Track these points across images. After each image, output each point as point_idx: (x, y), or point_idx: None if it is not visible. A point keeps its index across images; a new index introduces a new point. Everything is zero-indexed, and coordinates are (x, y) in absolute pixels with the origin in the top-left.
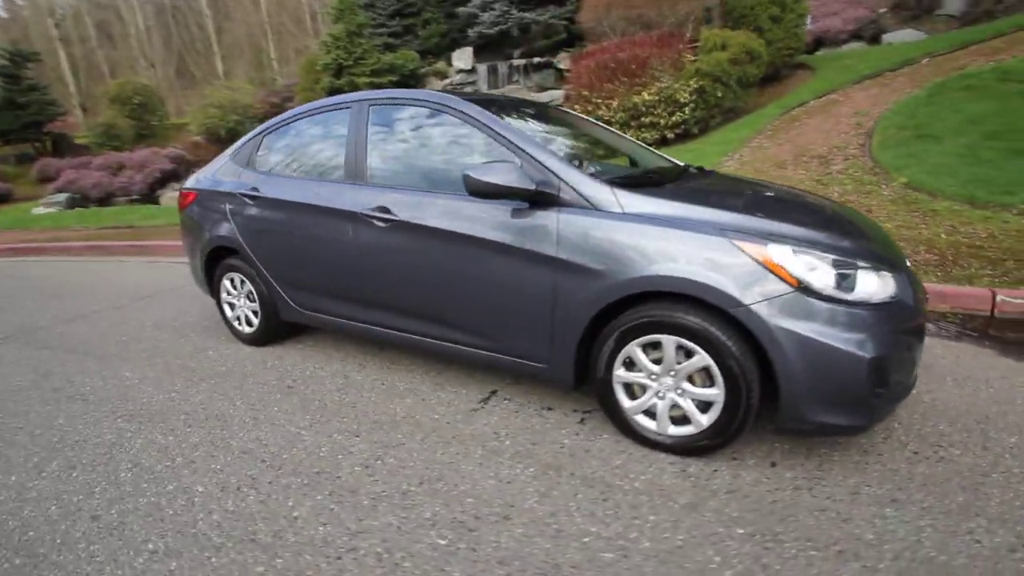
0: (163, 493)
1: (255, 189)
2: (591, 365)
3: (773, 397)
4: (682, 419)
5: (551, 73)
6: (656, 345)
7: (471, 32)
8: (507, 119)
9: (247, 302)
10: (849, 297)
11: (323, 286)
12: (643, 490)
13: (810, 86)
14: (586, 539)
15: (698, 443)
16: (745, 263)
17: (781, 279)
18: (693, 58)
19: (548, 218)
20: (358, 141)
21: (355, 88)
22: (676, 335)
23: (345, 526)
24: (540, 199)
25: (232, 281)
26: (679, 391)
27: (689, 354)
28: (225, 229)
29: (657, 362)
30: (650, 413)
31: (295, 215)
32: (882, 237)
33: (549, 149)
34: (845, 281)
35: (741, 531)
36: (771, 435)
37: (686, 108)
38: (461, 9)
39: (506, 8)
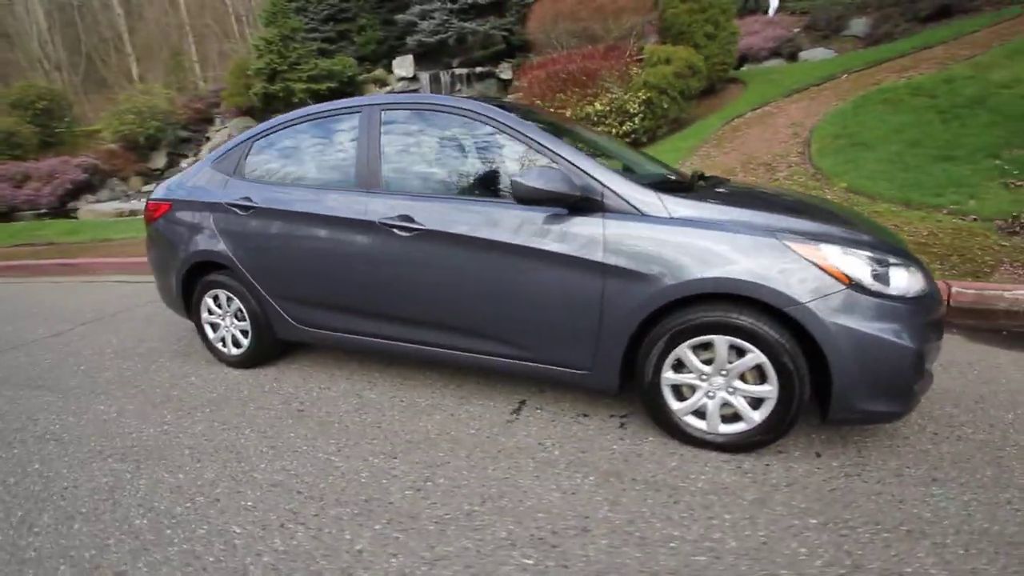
0: (195, 538)
1: (247, 199)
2: (637, 369)
3: (817, 391)
4: (732, 417)
5: (493, 83)
6: (706, 346)
7: (410, 40)
8: (532, 123)
9: (234, 321)
10: (891, 292)
11: (329, 301)
12: (708, 490)
13: (745, 99)
14: (672, 544)
15: (751, 439)
16: (798, 263)
17: (833, 277)
18: (639, 71)
19: (593, 224)
20: (371, 147)
21: (291, 94)
22: (729, 335)
23: (418, 555)
24: (584, 205)
25: (216, 299)
26: (730, 390)
27: (741, 353)
28: (209, 243)
29: (708, 362)
30: (699, 413)
31: (297, 226)
32: (895, 236)
33: (587, 154)
34: (884, 277)
35: (814, 521)
36: (805, 428)
37: (636, 118)
38: (399, 16)
39: (446, 17)
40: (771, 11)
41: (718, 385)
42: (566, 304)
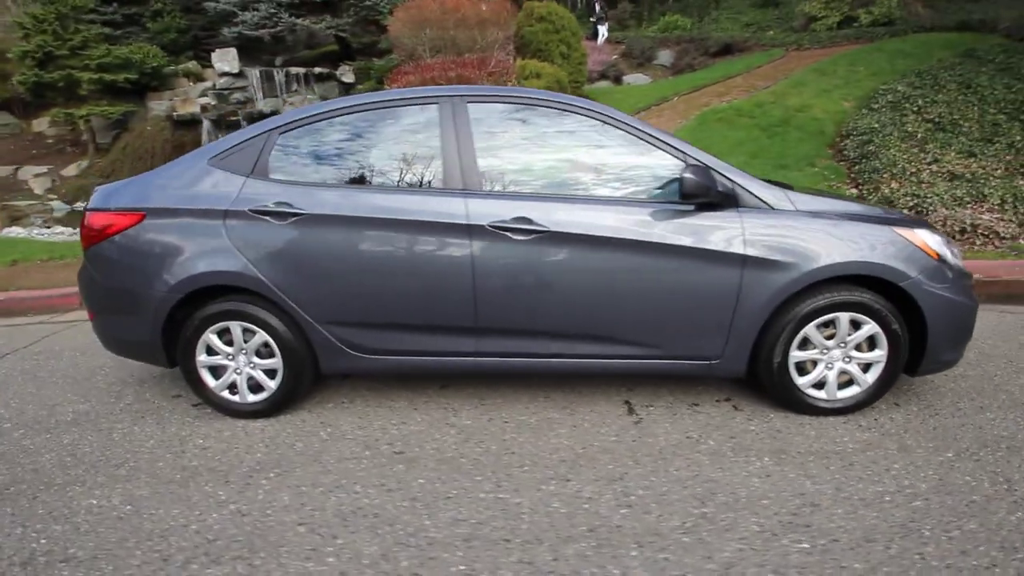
0: None
1: (284, 204)
2: (763, 352)
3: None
4: (847, 383)
5: (335, 85)
6: (827, 323)
7: (227, 31)
8: (649, 125)
9: (254, 360)
10: (955, 263)
11: (412, 320)
12: (860, 448)
13: None
14: (887, 499)
15: (860, 401)
16: (905, 245)
17: (928, 255)
18: (512, 83)
19: (732, 219)
20: (462, 143)
21: (75, 84)
22: (851, 311)
23: (704, 568)
24: (723, 202)
25: (221, 335)
26: (846, 359)
27: (856, 326)
28: (220, 262)
29: (829, 338)
30: (819, 384)
31: (366, 235)
32: None
33: (707, 154)
34: (950, 252)
35: (949, 454)
36: None
37: None
38: (210, 3)
39: (274, 10)
40: (600, 39)
41: (836, 357)
42: (704, 297)
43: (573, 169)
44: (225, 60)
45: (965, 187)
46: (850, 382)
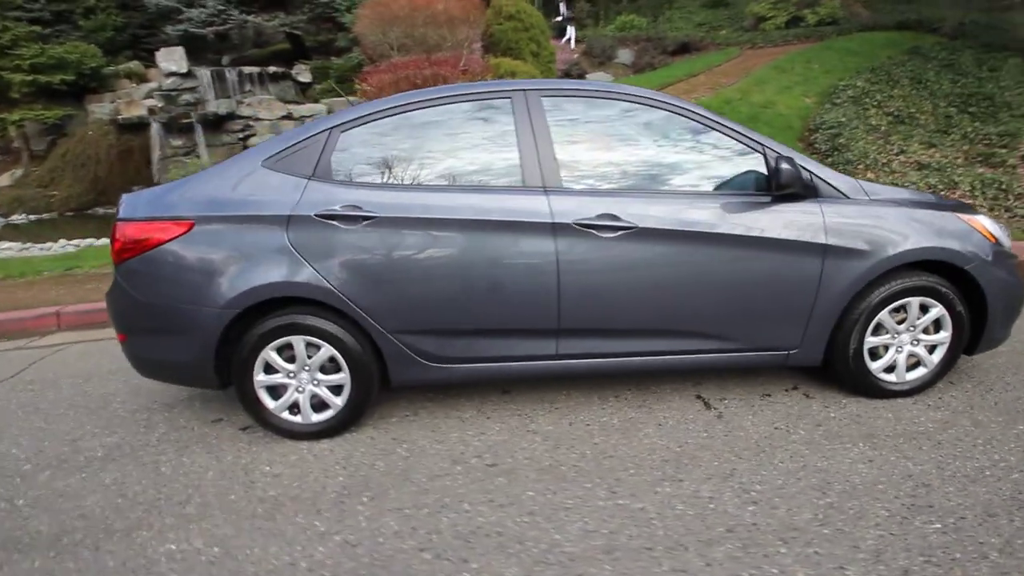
0: None
1: (354, 206)
2: (840, 339)
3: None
4: (914, 365)
5: (291, 85)
6: (899, 308)
7: (171, 30)
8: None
9: (320, 376)
10: (1007, 246)
11: (488, 324)
12: (940, 428)
13: None
14: (987, 472)
15: (926, 381)
16: (968, 230)
17: (987, 239)
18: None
19: (813, 209)
20: (540, 139)
21: (5, 86)
22: (922, 295)
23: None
24: (807, 192)
25: (281, 351)
26: (914, 342)
27: (925, 310)
28: (284, 271)
29: (900, 323)
30: (889, 368)
31: (441, 236)
32: None
33: (783, 145)
34: (1003, 236)
35: (1021, 427)
36: None
37: None
38: (151, 0)
39: (223, 7)
40: (568, 39)
41: (905, 341)
42: (787, 288)
43: (652, 164)
44: (172, 59)
45: (936, 176)
46: (917, 364)
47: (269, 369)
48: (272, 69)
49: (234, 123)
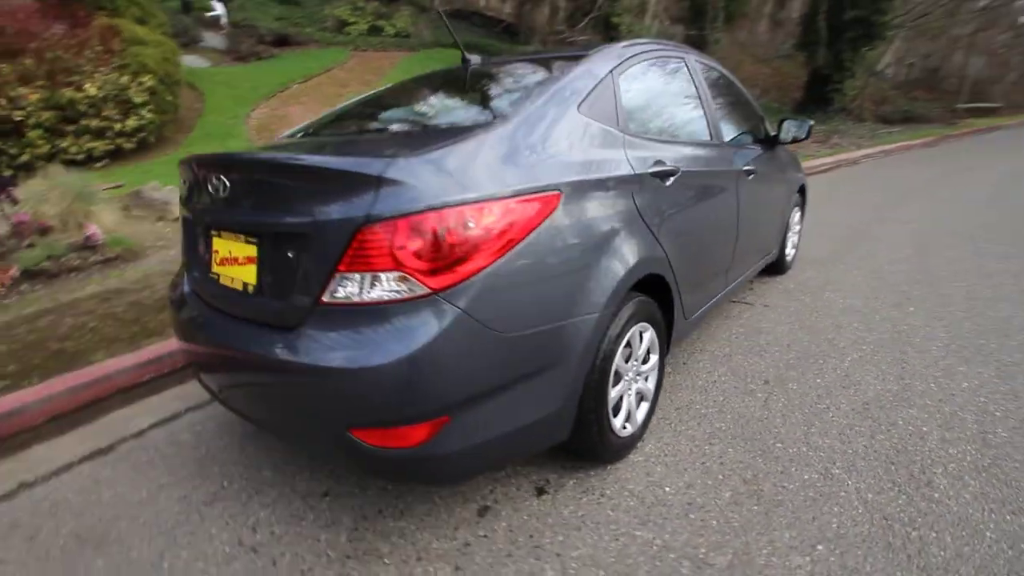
0: None
1: (660, 162)
2: None
3: None
4: None
5: None
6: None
7: None
8: None
9: (641, 368)
10: None
11: (721, 268)
12: None
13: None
14: None
15: None
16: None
17: None
18: (120, 48)
19: (784, 151)
20: (704, 98)
21: None
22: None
23: None
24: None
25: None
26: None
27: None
28: (643, 245)
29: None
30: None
31: (719, 188)
32: None
33: None
34: None
35: None
36: None
37: (143, 110)
38: None
39: None
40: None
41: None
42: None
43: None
44: None
45: None
46: None
47: (616, 377)
48: None
49: None
